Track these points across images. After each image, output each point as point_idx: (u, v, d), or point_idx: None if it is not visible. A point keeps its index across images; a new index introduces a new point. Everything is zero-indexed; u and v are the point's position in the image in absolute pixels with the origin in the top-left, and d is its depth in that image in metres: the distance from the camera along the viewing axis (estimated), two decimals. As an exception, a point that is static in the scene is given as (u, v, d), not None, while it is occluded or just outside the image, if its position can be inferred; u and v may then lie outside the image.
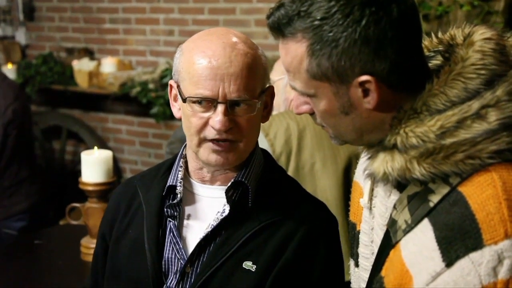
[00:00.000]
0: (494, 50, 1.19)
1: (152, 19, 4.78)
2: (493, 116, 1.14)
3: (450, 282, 1.09)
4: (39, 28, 5.36)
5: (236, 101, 1.47)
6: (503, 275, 1.06)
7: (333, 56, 1.18)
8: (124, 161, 5.12)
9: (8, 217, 3.58)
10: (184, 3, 4.59)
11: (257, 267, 1.50)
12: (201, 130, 1.49)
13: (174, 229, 1.58)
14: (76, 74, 4.84)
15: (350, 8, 1.16)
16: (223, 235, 1.54)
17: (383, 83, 1.19)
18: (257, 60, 1.51)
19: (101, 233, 1.75)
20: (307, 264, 1.52)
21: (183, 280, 1.55)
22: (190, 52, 1.50)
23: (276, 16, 1.23)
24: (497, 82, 1.16)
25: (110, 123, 5.14)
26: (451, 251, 1.09)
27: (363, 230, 1.38)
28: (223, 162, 1.52)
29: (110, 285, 1.68)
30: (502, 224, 1.07)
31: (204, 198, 1.61)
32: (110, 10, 4.96)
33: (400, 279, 1.17)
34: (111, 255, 1.69)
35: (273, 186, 1.60)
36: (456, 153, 1.14)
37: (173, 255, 1.57)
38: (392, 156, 1.20)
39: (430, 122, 1.17)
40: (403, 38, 1.19)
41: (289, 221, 1.54)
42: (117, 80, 4.60)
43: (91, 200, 2.70)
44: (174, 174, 1.61)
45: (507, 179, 1.12)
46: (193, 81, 1.47)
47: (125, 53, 4.96)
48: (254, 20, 4.30)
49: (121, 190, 1.78)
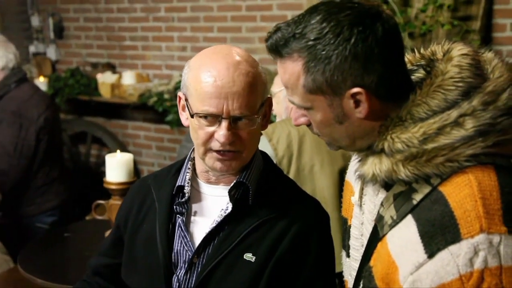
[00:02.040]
0: (470, 65, 1.19)
1: (167, 37, 4.77)
2: (470, 123, 1.13)
3: (431, 271, 1.08)
4: (67, 45, 5.36)
5: (239, 117, 1.46)
6: (479, 265, 1.05)
7: (326, 71, 1.18)
8: (142, 163, 5.11)
9: (41, 213, 3.59)
10: (195, 23, 4.58)
11: (257, 258, 1.50)
12: (206, 141, 1.48)
13: (182, 224, 1.58)
14: (100, 86, 4.83)
15: (340, 28, 1.16)
16: (226, 230, 1.53)
17: (372, 94, 1.19)
18: (258, 77, 1.50)
19: (117, 223, 1.76)
20: (301, 255, 1.52)
21: (191, 269, 1.54)
22: (197, 70, 1.49)
23: (274, 39, 1.23)
24: (473, 93, 1.16)
25: (130, 129, 5.13)
26: (432, 244, 1.09)
27: (353, 224, 1.38)
28: (227, 169, 1.52)
29: (126, 272, 1.68)
30: (478, 220, 1.07)
31: (209, 197, 1.60)
32: (130, 29, 4.96)
33: (387, 269, 1.16)
34: (127, 246, 1.69)
35: (271, 186, 1.60)
36: (437, 156, 1.14)
37: (182, 247, 1.57)
38: (380, 160, 1.20)
39: (413, 129, 1.17)
40: (388, 54, 1.19)
41: (285, 217, 1.53)
42: (136, 91, 4.60)
43: (114, 198, 2.71)
44: (183, 175, 1.61)
45: (482, 180, 1.11)
46: (199, 98, 1.46)
47: (143, 67, 4.95)
48: (258, 37, 4.29)
49: (136, 187, 1.78)
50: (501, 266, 1.05)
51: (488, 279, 1.05)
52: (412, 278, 1.10)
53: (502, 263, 1.05)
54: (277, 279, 1.50)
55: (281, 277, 1.50)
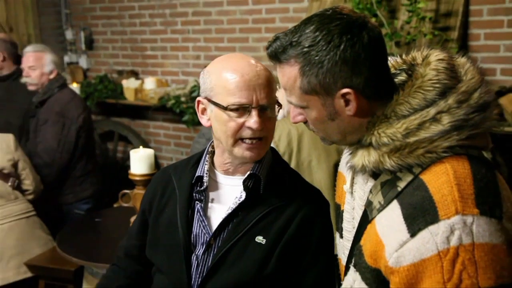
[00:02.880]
0: (446, 68, 1.19)
1: (183, 47, 4.78)
2: (446, 119, 1.14)
3: (413, 248, 1.08)
4: (97, 55, 5.37)
5: (265, 106, 1.47)
6: (454, 242, 1.05)
7: (319, 74, 1.18)
8: (162, 158, 5.11)
9: (78, 201, 3.65)
10: (208, 34, 4.59)
11: (267, 241, 1.50)
12: (236, 132, 1.47)
13: (200, 210, 1.58)
14: (124, 90, 4.84)
15: (331, 36, 1.16)
16: (240, 215, 1.53)
17: (360, 94, 1.19)
18: (272, 74, 1.51)
19: (142, 208, 1.75)
20: (306, 237, 1.52)
21: (208, 250, 1.54)
22: (219, 72, 1.49)
23: (273, 47, 1.23)
24: (448, 93, 1.16)
25: (151, 128, 5.14)
26: (414, 224, 1.09)
27: (346, 209, 1.38)
28: (256, 156, 1.52)
29: (150, 252, 1.69)
30: (454, 203, 1.07)
31: (225, 186, 1.60)
32: (151, 40, 4.96)
33: (375, 247, 1.17)
34: (151, 229, 1.69)
35: (280, 177, 1.60)
36: (418, 149, 1.14)
37: (200, 230, 1.56)
38: (368, 152, 1.20)
39: (397, 125, 1.17)
40: (373, 58, 1.18)
41: (292, 205, 1.53)
42: (156, 95, 4.60)
43: (138, 188, 2.71)
44: (201, 167, 1.61)
45: (457, 168, 1.11)
46: (230, 93, 1.45)
47: (163, 74, 4.96)
48: (263, 46, 4.26)
49: (158, 176, 1.77)
50: (474, 243, 1.05)
51: (462, 254, 1.05)
52: (396, 254, 1.11)
53: (474, 241, 1.05)
54: (285, 258, 1.50)
55: (289, 257, 1.51)
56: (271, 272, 1.49)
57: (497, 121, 1.19)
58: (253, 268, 1.49)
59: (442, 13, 3.39)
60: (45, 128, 3.48)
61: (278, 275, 1.50)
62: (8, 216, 3.15)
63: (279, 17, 4.19)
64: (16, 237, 3.13)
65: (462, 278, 1.05)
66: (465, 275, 1.05)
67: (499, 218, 1.09)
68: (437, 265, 1.06)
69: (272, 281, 1.50)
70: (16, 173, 3.25)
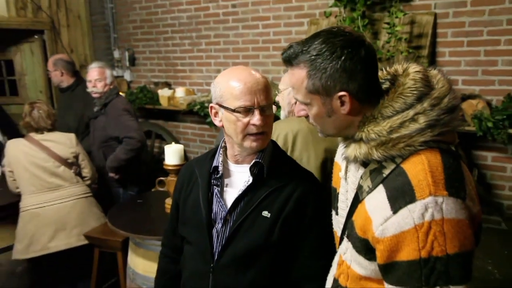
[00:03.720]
0: (421, 79, 1.18)
1: (207, 63, 4.77)
2: (422, 119, 1.13)
3: (395, 223, 1.09)
4: (138, 70, 5.38)
5: (264, 106, 1.48)
6: (428, 218, 1.06)
7: (323, 78, 1.18)
8: (190, 152, 5.10)
9: (130, 184, 3.68)
10: (226, 52, 4.58)
11: (271, 215, 1.51)
12: (244, 129, 1.49)
13: (218, 193, 1.58)
14: (160, 98, 4.85)
15: (335, 48, 1.16)
16: (249, 195, 1.54)
17: (353, 98, 1.19)
18: (268, 82, 1.52)
19: (174, 197, 1.76)
20: (302, 211, 1.52)
21: (225, 224, 1.55)
22: (226, 82, 1.49)
23: (287, 53, 1.23)
24: (424, 98, 1.16)
25: (181, 128, 5.14)
26: (396, 204, 1.09)
27: (341, 192, 1.37)
28: (260, 146, 1.52)
29: (181, 228, 1.70)
30: (428, 187, 1.07)
31: (236, 173, 1.60)
32: (180, 58, 4.96)
33: (364, 221, 1.17)
34: (181, 210, 1.69)
35: (279, 164, 1.59)
36: (399, 143, 1.14)
37: (218, 209, 1.57)
38: (360, 145, 1.20)
39: (383, 124, 1.16)
40: (367, 70, 1.18)
41: (290, 185, 1.53)
42: (185, 101, 4.61)
43: (171, 175, 2.73)
44: (217, 159, 1.61)
45: (431, 159, 1.11)
46: (236, 98, 1.46)
47: (190, 84, 4.96)
48: (271, 62, 4.28)
49: (185, 168, 1.77)
50: (443, 219, 1.06)
51: (434, 227, 1.05)
52: (381, 227, 1.11)
53: (444, 216, 1.06)
54: (286, 228, 1.51)
55: (289, 227, 1.51)
56: (275, 240, 1.50)
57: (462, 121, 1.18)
58: (261, 237, 1.50)
59: (415, 35, 3.37)
60: (121, 120, 3.47)
61: (281, 242, 1.50)
62: (72, 195, 3.20)
63: (284, 38, 4.18)
64: (77, 212, 3.17)
65: (433, 246, 1.05)
66: (436, 243, 1.05)
67: (463, 198, 1.08)
68: (414, 236, 1.06)
69: (277, 246, 1.51)
70: (77, 163, 3.29)
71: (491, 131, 2.98)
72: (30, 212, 3.10)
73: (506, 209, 3.23)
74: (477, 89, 3.28)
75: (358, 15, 3.40)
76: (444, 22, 3.34)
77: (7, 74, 5.00)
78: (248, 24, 4.38)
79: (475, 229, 1.11)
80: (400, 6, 3.39)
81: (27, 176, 3.12)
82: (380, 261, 1.13)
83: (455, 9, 3.28)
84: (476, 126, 3.01)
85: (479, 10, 3.18)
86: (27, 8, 4.74)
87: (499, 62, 3.17)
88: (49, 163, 3.14)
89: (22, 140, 3.17)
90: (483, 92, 3.26)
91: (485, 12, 3.16)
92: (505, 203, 3.24)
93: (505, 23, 3.10)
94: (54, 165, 3.16)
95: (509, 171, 3.22)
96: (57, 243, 3.09)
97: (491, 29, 3.16)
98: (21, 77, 5.00)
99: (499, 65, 3.17)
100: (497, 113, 3.01)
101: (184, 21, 4.83)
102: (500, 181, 3.26)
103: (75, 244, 3.12)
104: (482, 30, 3.20)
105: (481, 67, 3.24)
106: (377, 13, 3.53)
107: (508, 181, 3.23)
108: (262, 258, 1.51)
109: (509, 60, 3.13)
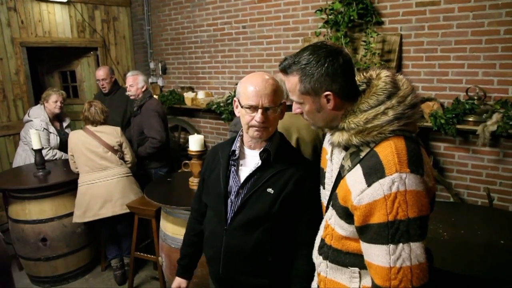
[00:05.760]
0: (391, 81, 1.18)
1: (222, 71, 4.74)
2: (391, 113, 1.13)
3: (369, 194, 1.09)
4: (168, 78, 5.36)
5: (267, 107, 1.46)
6: (394, 189, 1.06)
7: (311, 82, 1.17)
8: (208, 142, 5.07)
9: (159, 167, 3.63)
10: (238, 63, 4.55)
11: (274, 192, 1.49)
12: (249, 122, 1.48)
13: (234, 171, 1.57)
14: (185, 99, 4.83)
15: (319, 58, 1.15)
16: (257, 174, 1.52)
17: (337, 96, 1.18)
18: (278, 87, 1.49)
19: (202, 174, 1.75)
20: (300, 190, 1.51)
21: (238, 196, 1.53)
22: (245, 84, 1.49)
23: (283, 64, 1.23)
24: (392, 96, 1.15)
25: (201, 123, 5.13)
26: (370, 179, 1.09)
27: (327, 171, 1.37)
28: (260, 136, 1.51)
29: (205, 197, 1.69)
30: (394, 166, 1.07)
31: (249, 156, 1.58)
32: (201, 67, 4.93)
33: (345, 193, 1.17)
34: (205, 183, 1.69)
35: (284, 151, 1.58)
36: (373, 131, 1.13)
37: (233, 183, 1.56)
38: (342, 133, 1.19)
39: (360, 116, 1.16)
40: (345, 73, 1.17)
41: (291, 168, 1.52)
42: (205, 102, 4.59)
43: (194, 159, 2.71)
44: (235, 144, 1.60)
45: (397, 144, 1.11)
46: (247, 97, 1.46)
47: (209, 88, 4.93)
48: (273, 71, 4.20)
49: (211, 150, 1.75)
50: (406, 190, 1.06)
51: (399, 197, 1.05)
52: (358, 197, 1.11)
53: (406, 188, 1.06)
54: (285, 203, 1.50)
55: (288, 202, 1.50)
56: (276, 211, 1.49)
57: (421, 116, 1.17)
58: (265, 208, 1.50)
59: (386, 51, 3.34)
60: (150, 121, 3.44)
61: (281, 213, 1.50)
62: (117, 174, 3.20)
63: (283, 52, 4.15)
64: (120, 187, 3.18)
65: (398, 211, 1.05)
66: (400, 209, 1.05)
67: (422, 174, 1.08)
68: (383, 203, 1.07)
69: (277, 216, 1.50)
70: (121, 150, 3.30)
71: (444, 126, 3.00)
72: (85, 187, 3.12)
73: (454, 187, 3.28)
74: (433, 94, 3.27)
75: (341, 34, 3.39)
76: (408, 41, 3.32)
77: (71, 81, 5.30)
78: (255, 41, 4.35)
79: (431, 199, 1.11)
80: (374, 28, 3.38)
81: (83, 159, 3.14)
82: (357, 224, 1.14)
83: (416, 31, 3.28)
84: (432, 122, 3.04)
85: (434, 33, 3.20)
86: (86, 31, 5.00)
87: (450, 73, 3.18)
88: (99, 149, 3.15)
89: (80, 131, 3.20)
90: (438, 96, 3.26)
91: (439, 35, 3.17)
92: (453, 182, 3.28)
93: (453, 43, 3.12)
94: (104, 151, 3.16)
95: (457, 157, 3.24)
96: (105, 211, 3.10)
97: (443, 47, 3.18)
98: (80, 84, 5.26)
99: (449, 75, 3.19)
100: (448, 112, 3.04)
101: (205, 39, 4.81)
102: (450, 165, 3.28)
103: (119, 212, 3.13)
104: (437, 48, 3.20)
105: (436, 76, 3.24)
106: (356, 33, 3.51)
107: (456, 166, 3.26)
108: (265, 225, 1.50)
109: (458, 72, 3.15)
